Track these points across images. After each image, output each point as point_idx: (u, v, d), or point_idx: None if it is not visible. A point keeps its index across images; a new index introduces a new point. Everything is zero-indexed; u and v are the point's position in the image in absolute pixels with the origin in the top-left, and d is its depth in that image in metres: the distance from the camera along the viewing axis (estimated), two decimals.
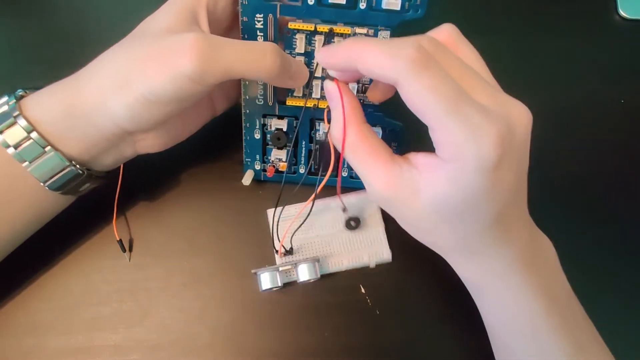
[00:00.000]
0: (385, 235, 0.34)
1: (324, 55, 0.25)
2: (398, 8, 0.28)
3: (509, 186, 0.23)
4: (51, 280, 0.33)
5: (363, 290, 0.34)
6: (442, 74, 0.22)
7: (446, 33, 0.26)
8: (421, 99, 0.22)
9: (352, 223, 0.34)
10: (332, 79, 0.26)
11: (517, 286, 0.26)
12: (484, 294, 0.28)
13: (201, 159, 0.36)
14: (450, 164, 0.22)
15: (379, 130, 0.33)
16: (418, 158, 0.24)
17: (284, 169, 0.34)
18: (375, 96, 0.29)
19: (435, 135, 0.23)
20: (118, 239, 0.33)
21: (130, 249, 0.34)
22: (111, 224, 0.33)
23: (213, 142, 0.35)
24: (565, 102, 0.39)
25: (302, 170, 0.34)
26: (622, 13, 0.41)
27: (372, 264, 0.34)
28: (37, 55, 0.39)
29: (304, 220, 0.31)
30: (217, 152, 0.36)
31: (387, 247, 0.34)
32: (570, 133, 0.38)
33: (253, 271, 0.32)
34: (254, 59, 0.25)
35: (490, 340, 0.30)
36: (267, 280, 0.31)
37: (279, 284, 0.31)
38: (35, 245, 0.31)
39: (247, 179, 0.34)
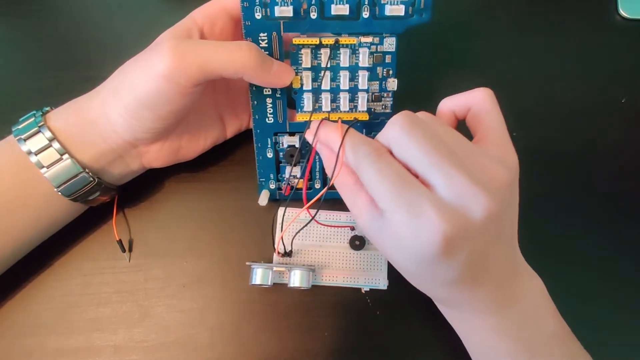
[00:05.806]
0: (386, 264, 0.34)
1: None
2: (402, 13, 0.28)
3: (463, 262, 0.24)
4: (51, 281, 0.33)
5: (363, 291, 0.34)
6: (388, 164, 0.24)
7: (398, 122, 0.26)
8: (370, 183, 0.25)
9: (357, 242, 0.34)
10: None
11: (481, 329, 0.27)
12: (457, 330, 0.30)
13: (203, 160, 0.35)
14: (401, 240, 0.24)
15: None
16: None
17: (301, 187, 0.32)
18: None
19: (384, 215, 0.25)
20: (118, 239, 0.33)
21: (130, 250, 0.34)
22: (111, 224, 0.34)
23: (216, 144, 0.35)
24: (565, 102, 0.39)
25: (317, 186, 0.34)
26: (622, 13, 0.41)
27: (366, 288, 0.34)
28: (42, 56, 0.39)
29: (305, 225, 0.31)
30: (219, 152, 0.36)
31: (385, 276, 0.34)
32: (570, 133, 0.38)
33: (248, 263, 0.32)
34: (228, 53, 0.26)
35: None
36: (258, 276, 0.32)
37: (269, 283, 0.32)
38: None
39: (263, 199, 0.33)
